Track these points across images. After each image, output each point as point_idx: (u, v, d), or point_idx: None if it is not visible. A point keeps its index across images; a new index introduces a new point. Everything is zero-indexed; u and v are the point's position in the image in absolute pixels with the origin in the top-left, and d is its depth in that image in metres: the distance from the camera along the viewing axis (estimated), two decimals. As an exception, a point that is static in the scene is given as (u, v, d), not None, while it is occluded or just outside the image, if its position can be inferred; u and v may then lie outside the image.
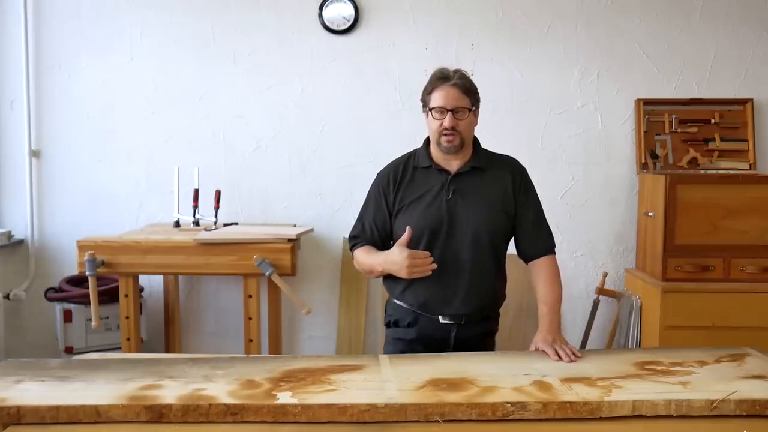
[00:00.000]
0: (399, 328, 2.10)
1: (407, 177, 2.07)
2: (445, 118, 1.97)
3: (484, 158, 2.10)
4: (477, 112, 2.06)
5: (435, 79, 2.02)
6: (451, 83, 1.98)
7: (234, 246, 2.99)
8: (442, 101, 1.98)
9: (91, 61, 3.63)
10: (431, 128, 2.03)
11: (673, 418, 1.43)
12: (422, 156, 2.09)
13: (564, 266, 3.61)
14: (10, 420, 1.39)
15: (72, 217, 3.67)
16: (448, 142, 1.99)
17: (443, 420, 1.42)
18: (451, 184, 2.03)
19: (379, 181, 2.12)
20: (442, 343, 2.03)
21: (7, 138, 3.67)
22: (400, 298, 2.08)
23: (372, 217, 2.10)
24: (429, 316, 2.04)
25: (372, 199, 2.12)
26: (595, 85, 3.59)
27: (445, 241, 2.00)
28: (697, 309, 3.08)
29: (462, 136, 1.99)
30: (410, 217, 2.02)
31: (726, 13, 3.55)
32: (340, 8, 3.55)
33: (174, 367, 1.66)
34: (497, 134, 3.59)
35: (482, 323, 2.08)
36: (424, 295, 2.02)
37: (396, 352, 2.05)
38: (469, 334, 2.04)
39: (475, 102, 2.03)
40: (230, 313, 3.64)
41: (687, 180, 3.16)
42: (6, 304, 3.60)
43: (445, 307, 2.02)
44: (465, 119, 1.99)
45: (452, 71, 2.01)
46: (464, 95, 1.99)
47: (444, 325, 2.03)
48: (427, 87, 2.04)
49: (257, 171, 3.66)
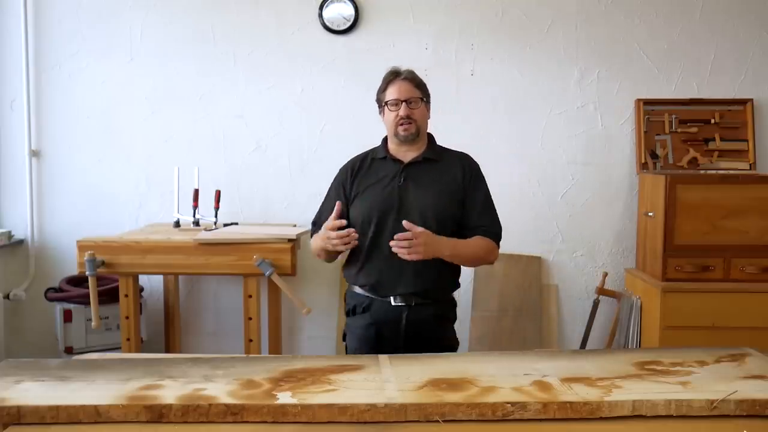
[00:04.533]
0: (356, 315, 2.23)
1: (365, 168, 2.25)
2: (400, 109, 2.14)
3: (438, 151, 2.26)
4: (429, 106, 2.24)
5: (387, 77, 2.21)
6: (402, 78, 2.18)
7: (234, 246, 2.99)
8: (396, 94, 2.16)
9: (91, 61, 3.63)
10: (388, 121, 2.20)
11: (673, 418, 1.43)
12: (379, 150, 2.27)
13: (564, 266, 3.67)
14: (10, 420, 1.39)
15: (72, 217, 3.67)
16: (405, 130, 2.15)
17: (443, 420, 1.41)
18: (403, 172, 2.18)
19: (340, 174, 2.30)
20: (395, 326, 2.14)
21: (7, 138, 3.67)
22: (354, 281, 2.23)
23: (329, 207, 2.24)
24: (381, 299, 2.16)
25: (332, 191, 2.30)
26: (595, 85, 3.59)
27: (395, 223, 2.10)
28: (697, 309, 3.08)
29: (417, 124, 2.16)
30: (365, 201, 2.19)
31: (726, 13, 3.55)
32: (340, 8, 3.55)
33: (174, 367, 1.66)
34: (497, 134, 3.62)
35: (433, 305, 2.16)
36: (375, 276, 2.15)
37: (353, 339, 2.22)
38: (420, 315, 2.14)
39: (426, 95, 2.22)
40: (230, 313, 3.64)
41: (687, 180, 3.16)
42: (6, 304, 3.60)
43: (396, 286, 2.13)
44: (419, 108, 2.17)
45: (402, 69, 2.20)
46: (416, 88, 2.18)
47: (396, 308, 2.14)
48: (381, 86, 2.22)
49: (257, 171, 3.66)
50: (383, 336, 2.15)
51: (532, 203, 3.62)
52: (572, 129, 3.61)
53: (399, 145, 2.20)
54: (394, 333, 2.14)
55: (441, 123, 3.61)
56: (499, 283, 3.59)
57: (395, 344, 2.12)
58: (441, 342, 2.16)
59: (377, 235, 2.13)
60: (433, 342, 2.11)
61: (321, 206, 2.33)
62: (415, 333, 2.13)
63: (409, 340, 2.13)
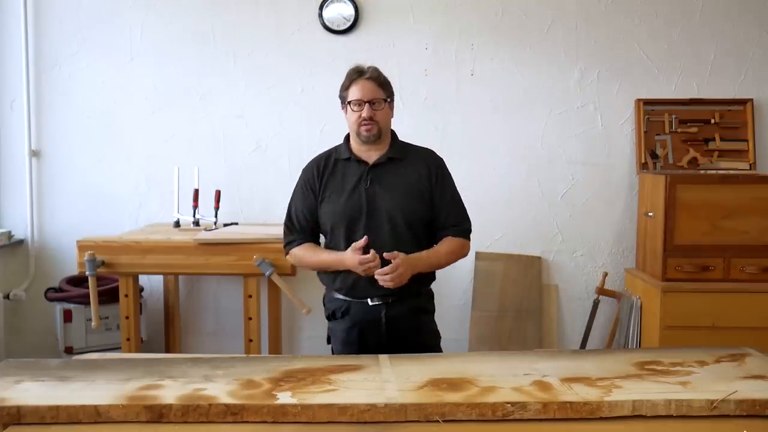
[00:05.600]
0: (336, 319, 2.23)
1: (329, 169, 2.21)
2: (363, 110, 2.12)
3: (401, 149, 2.23)
4: (392, 104, 2.22)
5: (351, 75, 2.17)
6: (366, 77, 2.14)
7: (234, 246, 2.99)
8: (360, 94, 2.13)
9: (91, 61, 3.63)
10: (350, 121, 2.18)
11: (673, 418, 1.43)
12: (343, 149, 2.23)
13: (564, 266, 3.67)
14: (10, 420, 1.39)
15: (72, 217, 3.67)
16: (367, 131, 2.13)
17: (443, 420, 1.41)
18: (369, 174, 2.17)
19: (305, 174, 2.26)
20: (375, 324, 2.15)
21: (7, 138, 3.67)
22: (332, 286, 2.21)
23: (301, 208, 2.23)
24: (359, 301, 2.16)
25: (299, 192, 2.25)
26: (595, 85, 3.59)
27: (365, 227, 2.12)
28: (697, 309, 3.08)
29: (380, 125, 2.14)
30: (332, 207, 2.17)
31: (726, 13, 3.55)
32: (340, 8, 3.55)
33: (174, 367, 1.66)
34: (497, 134, 3.61)
35: (409, 299, 2.17)
36: (351, 279, 2.14)
37: (337, 342, 2.24)
38: (397, 311, 2.15)
39: (390, 95, 2.20)
40: (230, 313, 3.64)
41: (687, 180, 3.16)
42: (6, 304, 3.60)
43: (372, 288, 2.11)
44: (381, 110, 2.15)
45: (366, 67, 2.17)
46: (379, 88, 2.15)
47: (374, 307, 2.15)
48: (344, 83, 2.18)
49: (257, 171, 3.66)
50: (365, 336, 2.16)
51: (532, 203, 3.62)
52: (572, 129, 3.61)
53: (362, 144, 2.18)
54: (376, 331, 2.15)
55: (441, 123, 3.65)
56: (499, 283, 3.59)
57: (378, 341, 2.14)
58: (422, 334, 2.20)
59: (348, 240, 2.12)
60: (414, 334, 2.16)
61: (289, 209, 2.27)
62: (395, 328, 2.15)
63: (390, 336, 2.15)
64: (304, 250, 2.23)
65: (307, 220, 2.23)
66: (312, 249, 2.23)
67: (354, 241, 2.09)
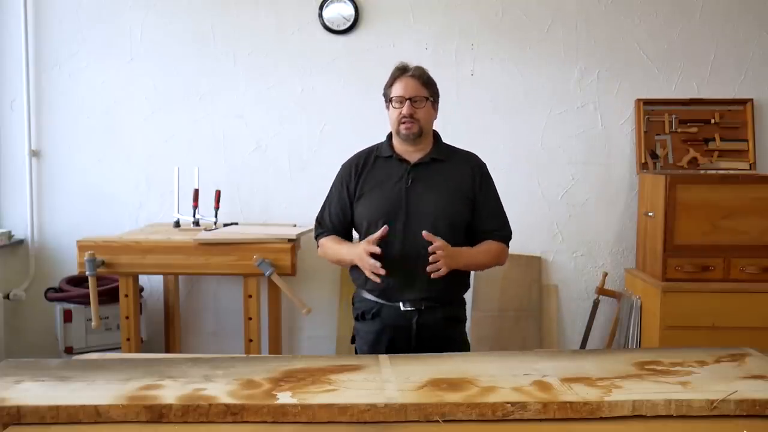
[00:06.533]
0: (365, 320, 2.17)
1: (368, 166, 2.17)
2: (403, 107, 2.07)
3: (445, 151, 2.19)
4: (436, 106, 2.17)
5: (395, 72, 2.14)
6: (410, 74, 2.10)
7: (234, 246, 2.99)
8: (401, 91, 2.09)
9: (91, 61, 3.63)
10: (392, 118, 2.13)
11: (673, 418, 1.43)
12: (384, 147, 2.19)
13: (564, 266, 3.67)
14: (10, 420, 1.39)
15: (72, 217, 3.67)
16: (406, 129, 2.08)
17: (443, 420, 1.41)
18: (410, 173, 2.12)
19: (342, 171, 2.22)
20: (405, 331, 2.10)
21: (7, 138, 3.67)
22: (363, 286, 2.15)
23: (335, 206, 2.21)
24: (390, 304, 2.10)
25: (335, 189, 2.22)
26: (595, 85, 3.59)
27: (404, 227, 2.07)
28: (697, 309, 3.08)
29: (420, 124, 2.09)
30: (369, 204, 2.12)
31: (726, 13, 3.55)
32: (340, 8, 3.55)
33: (174, 367, 1.66)
34: (497, 134, 3.61)
35: (443, 308, 2.12)
36: (384, 281, 2.05)
37: (363, 344, 2.17)
38: (430, 319, 2.10)
39: (434, 95, 2.15)
40: (230, 313, 3.64)
41: (687, 180, 3.16)
42: (6, 304, 3.60)
43: (405, 292, 2.07)
44: (423, 108, 2.10)
45: (412, 65, 2.13)
46: (422, 86, 2.10)
47: (405, 313, 2.09)
48: (388, 81, 2.15)
49: (257, 171, 3.66)
50: (394, 341, 2.10)
51: (532, 203, 3.62)
52: (572, 129, 3.61)
53: (403, 143, 2.14)
54: (405, 338, 2.09)
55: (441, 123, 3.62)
56: (499, 283, 3.59)
57: (406, 348, 2.07)
58: (452, 344, 2.11)
59: (385, 240, 2.03)
60: (443, 344, 2.06)
61: (324, 204, 2.26)
62: (425, 336, 2.08)
63: (420, 344, 2.08)
64: (329, 242, 2.19)
65: (339, 219, 2.19)
66: (334, 240, 2.19)
67: (390, 242, 2.02)
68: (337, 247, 2.17)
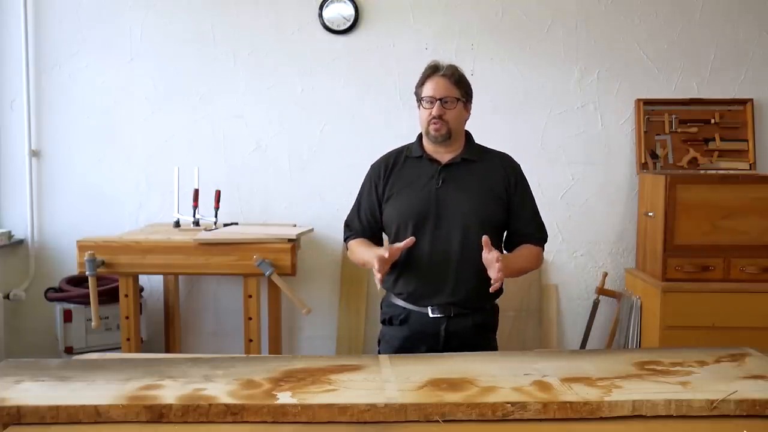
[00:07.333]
0: (393, 326, 2.12)
1: (398, 166, 2.12)
2: (433, 108, 2.01)
3: (477, 151, 2.13)
4: (469, 106, 2.10)
5: (426, 71, 2.08)
6: (441, 74, 2.04)
7: (234, 246, 2.99)
8: (432, 91, 2.03)
9: (91, 61, 3.63)
10: (421, 118, 2.07)
11: (673, 418, 1.43)
12: (415, 147, 2.13)
13: (564, 266, 3.67)
14: (10, 420, 1.39)
15: (72, 217, 3.67)
16: (435, 130, 2.03)
17: (443, 420, 1.41)
18: (441, 173, 2.06)
19: (372, 171, 2.17)
20: (434, 338, 2.04)
21: (7, 138, 3.67)
22: (392, 289, 2.11)
23: (362, 208, 2.17)
24: (419, 310, 2.05)
25: (365, 189, 2.18)
26: (595, 85, 3.59)
27: (434, 229, 2.02)
28: (697, 309, 3.08)
29: (450, 125, 2.03)
30: (399, 204, 2.06)
31: (726, 13, 3.55)
32: (340, 8, 3.55)
33: (174, 367, 1.66)
34: (497, 134, 3.59)
35: (473, 315, 2.05)
36: (413, 284, 2.03)
37: (390, 349, 2.09)
38: (459, 326, 2.04)
39: (466, 95, 2.07)
40: (230, 313, 3.64)
41: (687, 180, 3.16)
42: (6, 304, 3.60)
43: (434, 296, 2.02)
44: (453, 109, 2.03)
45: (445, 64, 2.07)
46: (454, 86, 2.03)
47: (434, 320, 2.03)
48: (420, 80, 2.09)
49: (257, 171, 3.66)
50: (421, 349, 2.03)
51: (532, 203, 3.62)
52: (572, 129, 3.61)
53: (433, 144, 2.07)
54: (433, 345, 2.03)
55: (441, 123, 3.64)
56: (499, 283, 3.58)
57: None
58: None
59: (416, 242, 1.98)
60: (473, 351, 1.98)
61: (353, 206, 2.21)
62: (454, 345, 2.01)
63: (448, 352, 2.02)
64: (356, 245, 2.15)
65: (368, 221, 2.15)
66: (361, 243, 2.14)
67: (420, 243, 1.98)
68: (362, 249, 2.12)
